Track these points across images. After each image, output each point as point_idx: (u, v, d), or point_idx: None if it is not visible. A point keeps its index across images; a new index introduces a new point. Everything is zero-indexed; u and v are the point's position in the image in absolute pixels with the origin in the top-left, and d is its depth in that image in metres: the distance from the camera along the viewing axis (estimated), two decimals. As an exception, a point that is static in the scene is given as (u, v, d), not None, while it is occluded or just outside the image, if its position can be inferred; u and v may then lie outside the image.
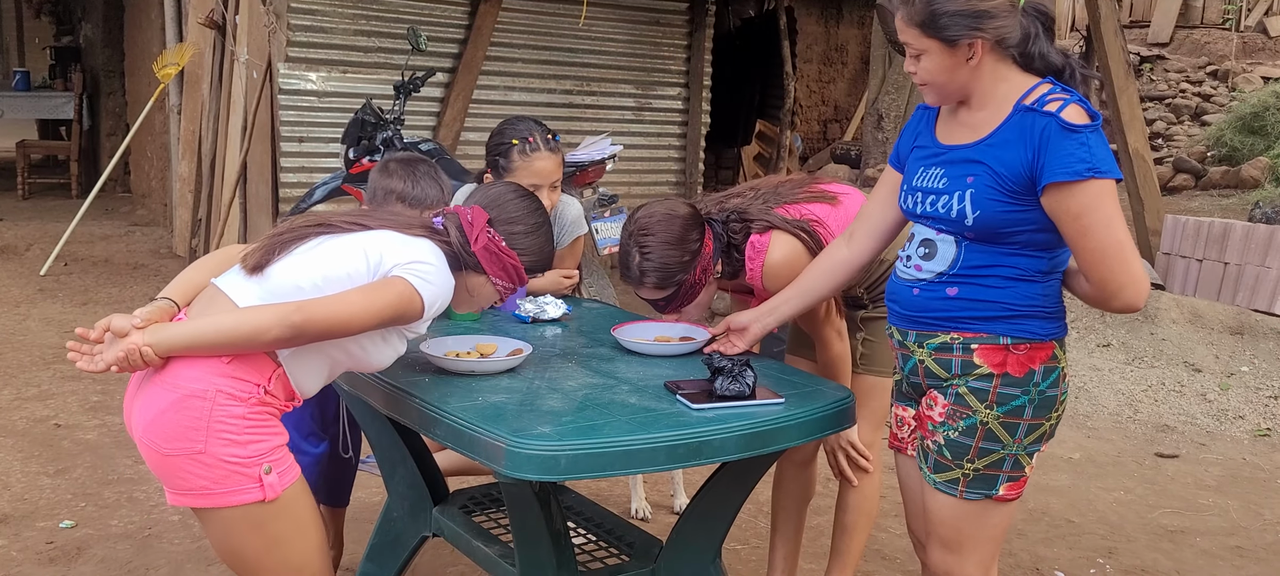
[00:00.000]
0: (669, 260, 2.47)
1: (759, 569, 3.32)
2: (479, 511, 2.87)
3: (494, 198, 2.35)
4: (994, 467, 2.16)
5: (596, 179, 5.82)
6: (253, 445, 2.04)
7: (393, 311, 2.08)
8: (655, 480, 4.09)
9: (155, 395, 2.04)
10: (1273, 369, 5.49)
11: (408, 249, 2.15)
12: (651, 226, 2.49)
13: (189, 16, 7.77)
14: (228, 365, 2.03)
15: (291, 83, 6.98)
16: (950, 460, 2.18)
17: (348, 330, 2.06)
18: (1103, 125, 2.05)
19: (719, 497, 2.46)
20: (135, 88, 9.87)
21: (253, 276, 2.11)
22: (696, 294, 2.54)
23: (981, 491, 2.17)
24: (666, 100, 8.62)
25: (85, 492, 3.86)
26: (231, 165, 7.16)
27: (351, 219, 2.23)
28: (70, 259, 7.66)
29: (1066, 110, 2.01)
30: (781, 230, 2.54)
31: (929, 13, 2.04)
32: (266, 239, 2.17)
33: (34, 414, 4.65)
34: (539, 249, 2.34)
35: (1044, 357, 2.12)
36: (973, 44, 2.04)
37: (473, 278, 2.29)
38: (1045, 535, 3.86)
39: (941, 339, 2.17)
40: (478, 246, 2.25)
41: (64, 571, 3.30)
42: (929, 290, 2.17)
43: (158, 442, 2.03)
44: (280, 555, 2.10)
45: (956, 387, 2.16)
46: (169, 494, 2.09)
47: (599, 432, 2.00)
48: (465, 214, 2.28)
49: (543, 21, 7.91)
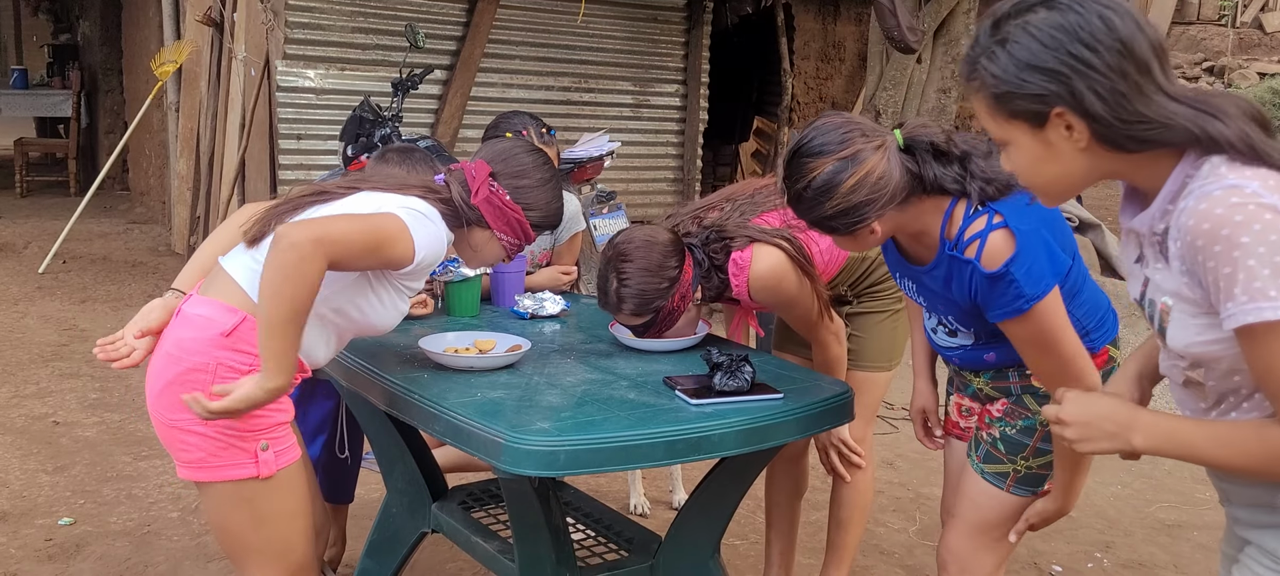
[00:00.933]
0: (646, 287, 2.45)
1: (758, 564, 3.32)
2: (478, 507, 2.87)
3: (500, 151, 2.33)
4: (1045, 468, 2.20)
5: (594, 175, 5.82)
6: (253, 418, 2.02)
7: (383, 232, 2.02)
8: (654, 476, 4.09)
9: (162, 368, 2.06)
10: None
11: (402, 198, 2.14)
12: (630, 253, 2.46)
13: (187, 14, 7.77)
14: (228, 337, 2.02)
15: (289, 80, 6.97)
16: (1004, 454, 2.22)
17: (354, 234, 1.99)
18: None
19: (718, 493, 2.46)
20: (133, 85, 9.86)
21: (252, 248, 2.11)
22: (675, 320, 2.53)
23: (1028, 488, 2.22)
24: (664, 97, 8.62)
25: (84, 490, 3.87)
26: (230, 162, 7.16)
27: (347, 184, 2.21)
28: (68, 256, 7.65)
29: (984, 253, 1.96)
30: (762, 243, 2.50)
31: (816, 218, 2.01)
32: (265, 211, 2.16)
33: (32, 411, 4.65)
34: (546, 203, 2.31)
35: (1101, 363, 2.15)
36: (873, 229, 2.00)
37: (476, 233, 2.27)
38: (1041, 530, 3.87)
39: (996, 369, 2.23)
40: (478, 198, 2.22)
41: (63, 568, 3.30)
42: (968, 354, 2.23)
43: (164, 413, 2.06)
44: (266, 534, 2.10)
45: (1017, 390, 2.22)
46: (178, 466, 2.10)
47: (597, 428, 2.01)
48: (469, 167, 2.27)
49: (541, 18, 7.91)
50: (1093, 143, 1.44)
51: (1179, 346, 1.48)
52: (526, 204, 2.27)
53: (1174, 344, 1.49)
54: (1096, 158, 1.46)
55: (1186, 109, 1.41)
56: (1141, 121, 1.41)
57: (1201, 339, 1.44)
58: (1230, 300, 1.33)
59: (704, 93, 8.68)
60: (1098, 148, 1.44)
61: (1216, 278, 1.35)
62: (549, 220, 2.35)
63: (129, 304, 6.54)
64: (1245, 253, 1.31)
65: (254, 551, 2.12)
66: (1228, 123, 1.40)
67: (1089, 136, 1.43)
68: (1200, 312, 1.42)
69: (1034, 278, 1.95)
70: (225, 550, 2.21)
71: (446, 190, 2.23)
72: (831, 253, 2.63)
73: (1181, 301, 1.44)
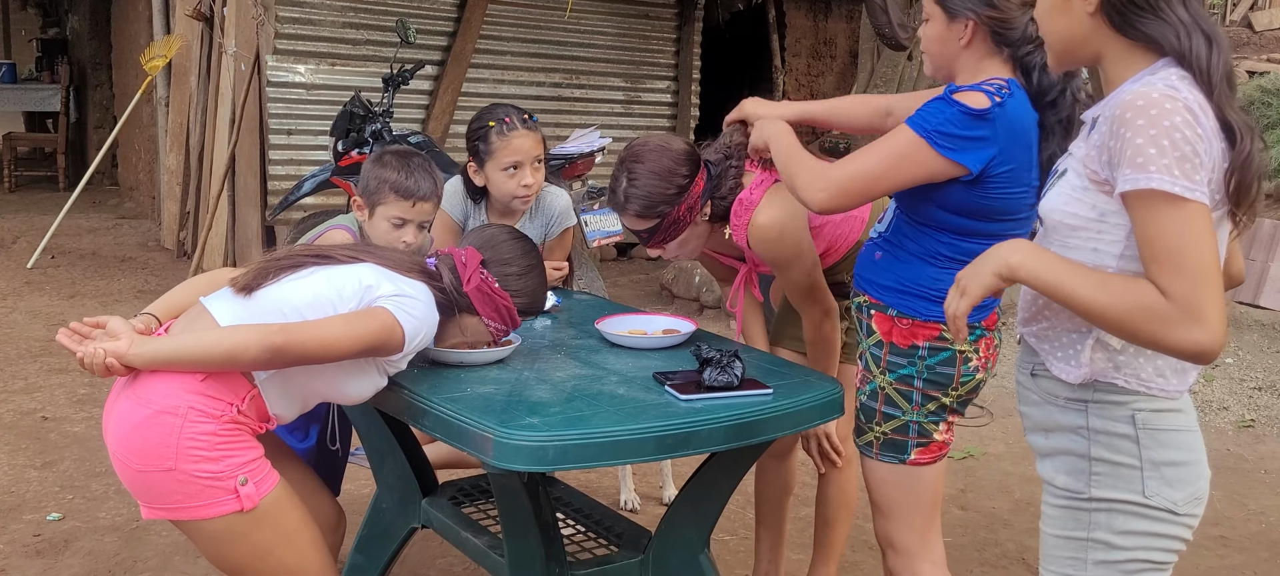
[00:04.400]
0: (654, 190, 2.48)
1: (748, 559, 3.33)
2: (468, 503, 2.87)
3: (487, 238, 2.38)
4: (900, 432, 2.22)
5: (585, 171, 5.82)
6: (226, 460, 2.03)
7: (374, 339, 2.08)
8: (643, 473, 4.10)
9: (128, 410, 2.03)
10: (1257, 361, 5.53)
11: (396, 284, 2.16)
12: (643, 155, 2.51)
13: (176, 8, 7.75)
14: (201, 382, 2.02)
15: (280, 75, 6.95)
16: (863, 422, 2.28)
17: (327, 356, 2.06)
18: None
19: (708, 488, 2.47)
20: (122, 80, 9.83)
21: (241, 297, 2.11)
22: (680, 232, 2.53)
23: (894, 456, 2.24)
24: (655, 93, 8.62)
25: (72, 485, 3.86)
26: (219, 158, 7.14)
27: (349, 253, 2.24)
28: (57, 252, 7.63)
29: (970, 91, 2.05)
30: (775, 189, 2.51)
31: None
32: (260, 262, 2.17)
33: (21, 406, 4.64)
34: (532, 291, 2.38)
35: (929, 336, 2.17)
36: (968, 22, 2.09)
37: (466, 318, 2.32)
38: (1031, 525, 3.88)
39: (860, 299, 2.29)
40: (470, 287, 2.27)
41: (52, 564, 3.29)
42: (868, 248, 2.30)
43: (129, 460, 2.03)
44: (275, 560, 2.10)
45: (864, 353, 2.27)
46: (143, 508, 2.08)
47: (587, 423, 2.01)
48: (459, 255, 2.31)
49: (532, 14, 7.91)
50: (1099, 11, 1.62)
51: (1046, 208, 1.70)
52: (513, 291, 2.32)
53: (1045, 205, 1.71)
54: (1096, 30, 1.64)
55: (1188, 19, 1.59)
56: (1149, 9, 1.59)
57: (1066, 206, 1.65)
58: (1124, 165, 1.53)
59: (695, 89, 8.68)
60: (1101, 20, 1.63)
61: (1122, 146, 1.53)
62: (534, 306, 2.42)
63: (118, 299, 6.52)
64: (1156, 135, 1.50)
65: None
66: (1213, 50, 1.56)
67: (1098, 3, 1.62)
68: (1086, 183, 1.63)
69: (929, 115, 2.05)
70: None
71: (439, 276, 2.27)
72: (843, 226, 2.63)
73: (1078, 167, 1.65)
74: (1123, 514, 1.66)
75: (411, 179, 2.63)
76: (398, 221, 2.60)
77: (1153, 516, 1.65)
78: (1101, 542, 1.68)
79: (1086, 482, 1.68)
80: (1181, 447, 1.66)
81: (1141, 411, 1.64)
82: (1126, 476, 1.65)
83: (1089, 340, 1.66)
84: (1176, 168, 1.48)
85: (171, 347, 2.03)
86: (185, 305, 2.19)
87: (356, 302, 2.11)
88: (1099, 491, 1.67)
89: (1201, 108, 1.53)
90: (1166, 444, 1.65)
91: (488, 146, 2.97)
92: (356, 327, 2.06)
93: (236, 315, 2.08)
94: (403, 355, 2.16)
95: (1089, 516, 1.69)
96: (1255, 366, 5.47)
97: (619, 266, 8.17)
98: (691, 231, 2.56)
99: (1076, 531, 1.70)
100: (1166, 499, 1.65)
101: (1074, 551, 1.71)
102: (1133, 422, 1.64)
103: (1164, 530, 1.66)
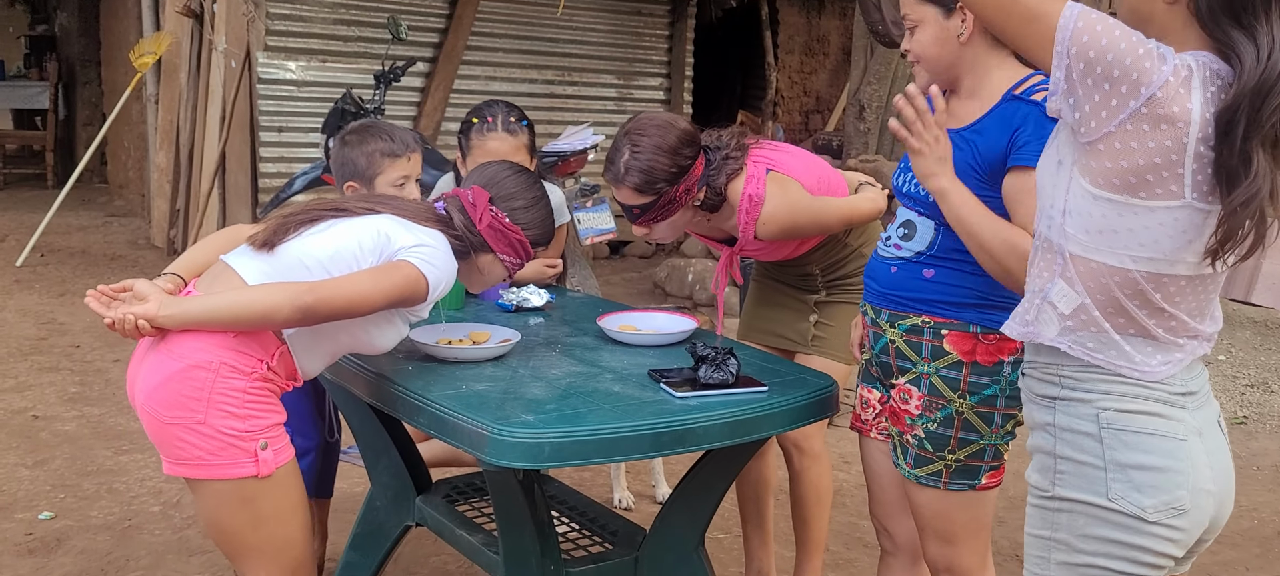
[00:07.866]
0: (656, 166, 2.46)
1: (741, 556, 3.33)
2: (462, 500, 2.86)
3: (490, 176, 2.39)
4: (975, 458, 2.12)
5: (578, 169, 5.81)
6: (251, 420, 2.05)
7: (400, 292, 2.11)
8: (636, 471, 4.09)
9: (160, 363, 2.05)
10: (1249, 358, 5.55)
11: (415, 234, 2.19)
12: (649, 129, 2.49)
13: (166, 5, 7.71)
14: (234, 339, 2.05)
15: (270, 72, 6.93)
16: (932, 453, 2.13)
17: (356, 311, 2.09)
18: None
19: (702, 486, 2.46)
20: (112, 77, 9.79)
21: (262, 253, 2.13)
22: (672, 212, 2.52)
23: (965, 482, 2.14)
24: (648, 90, 8.61)
25: (64, 484, 3.84)
26: (210, 155, 7.11)
27: (365, 204, 2.26)
28: (46, 250, 7.59)
29: (1039, 91, 1.98)
30: (774, 174, 2.52)
31: None
32: (278, 218, 2.19)
33: (11, 405, 4.62)
34: (540, 222, 2.39)
35: (1014, 349, 2.06)
36: (965, 14, 2.02)
37: (482, 257, 2.34)
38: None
39: (913, 321, 2.13)
40: (483, 225, 2.30)
41: (43, 562, 3.28)
42: (906, 269, 2.14)
43: (158, 410, 2.04)
44: (266, 532, 2.11)
45: (929, 377, 2.11)
46: (165, 463, 2.09)
47: (582, 421, 2.00)
48: (466, 195, 2.33)
49: (524, 11, 7.89)
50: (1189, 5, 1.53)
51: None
52: (522, 224, 2.34)
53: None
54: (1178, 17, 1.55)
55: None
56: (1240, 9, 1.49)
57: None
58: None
59: (688, 86, 8.68)
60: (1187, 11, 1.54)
61: None
62: (545, 236, 2.43)
63: (108, 297, 6.49)
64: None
65: (253, 549, 2.12)
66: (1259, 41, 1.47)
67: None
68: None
69: None
70: (223, 549, 2.20)
71: (450, 220, 2.29)
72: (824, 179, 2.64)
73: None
74: (1084, 515, 1.60)
75: (395, 139, 2.65)
76: (400, 182, 2.62)
77: (1117, 522, 1.57)
78: (1063, 543, 1.63)
79: (1052, 481, 1.64)
80: (1155, 452, 1.56)
81: (1107, 411, 1.57)
82: (1090, 476, 1.59)
83: (1038, 299, 1.63)
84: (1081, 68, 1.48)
85: (202, 308, 2.04)
86: (207, 263, 2.20)
87: (377, 255, 2.14)
88: (1062, 490, 1.62)
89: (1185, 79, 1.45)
90: (1134, 446, 1.56)
91: (468, 142, 3.04)
92: (382, 282, 2.10)
93: (262, 272, 2.10)
94: (427, 304, 2.21)
95: (1053, 516, 1.65)
96: (1247, 363, 5.48)
97: (612, 264, 8.17)
98: (682, 214, 2.55)
99: (1042, 530, 1.67)
100: (1133, 504, 1.55)
101: (1041, 550, 1.67)
102: (1097, 421, 1.58)
103: (1130, 538, 1.57)
